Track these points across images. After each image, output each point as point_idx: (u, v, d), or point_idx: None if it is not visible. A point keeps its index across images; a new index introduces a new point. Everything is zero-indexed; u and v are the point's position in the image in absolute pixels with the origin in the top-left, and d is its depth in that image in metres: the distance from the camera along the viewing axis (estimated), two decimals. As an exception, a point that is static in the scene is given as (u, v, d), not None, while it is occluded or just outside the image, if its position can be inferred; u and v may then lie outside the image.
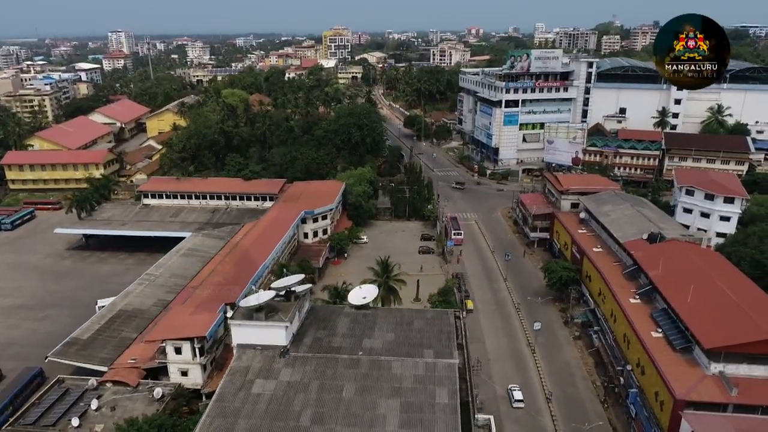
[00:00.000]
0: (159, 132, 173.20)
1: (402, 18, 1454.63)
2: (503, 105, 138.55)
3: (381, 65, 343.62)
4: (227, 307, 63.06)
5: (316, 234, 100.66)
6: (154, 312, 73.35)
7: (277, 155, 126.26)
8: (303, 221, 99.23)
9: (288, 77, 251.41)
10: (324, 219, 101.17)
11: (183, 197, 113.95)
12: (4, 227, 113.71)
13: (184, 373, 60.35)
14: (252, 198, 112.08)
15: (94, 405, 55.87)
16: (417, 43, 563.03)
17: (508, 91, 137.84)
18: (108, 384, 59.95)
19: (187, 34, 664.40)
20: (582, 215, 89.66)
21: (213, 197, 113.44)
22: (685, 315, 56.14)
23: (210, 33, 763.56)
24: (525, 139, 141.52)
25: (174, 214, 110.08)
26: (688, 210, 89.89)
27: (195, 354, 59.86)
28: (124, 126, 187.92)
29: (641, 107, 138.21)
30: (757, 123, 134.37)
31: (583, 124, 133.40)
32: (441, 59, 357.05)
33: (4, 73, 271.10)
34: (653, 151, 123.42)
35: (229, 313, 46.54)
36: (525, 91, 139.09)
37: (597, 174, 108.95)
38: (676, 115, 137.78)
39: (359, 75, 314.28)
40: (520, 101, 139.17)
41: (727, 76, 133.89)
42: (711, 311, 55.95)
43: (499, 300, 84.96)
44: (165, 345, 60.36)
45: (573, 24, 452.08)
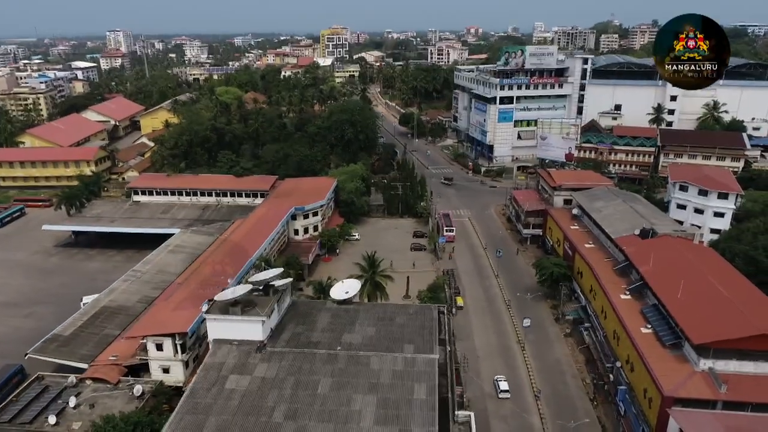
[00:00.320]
0: (153, 130, 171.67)
1: (402, 18, 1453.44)
2: (498, 102, 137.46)
3: (378, 64, 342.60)
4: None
5: (306, 231, 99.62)
6: (138, 309, 72.26)
7: (270, 152, 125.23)
8: (293, 218, 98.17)
9: (284, 75, 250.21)
10: (315, 216, 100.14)
11: (173, 194, 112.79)
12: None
13: (165, 370, 59.29)
14: (243, 195, 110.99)
15: (72, 402, 54.81)
16: (416, 43, 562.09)
17: (502, 88, 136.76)
18: (88, 381, 58.91)
19: (187, 34, 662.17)
20: (574, 211, 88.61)
21: (204, 194, 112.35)
22: (675, 310, 55.07)
23: (210, 33, 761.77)
24: (520, 136, 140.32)
25: (164, 210, 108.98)
26: (681, 206, 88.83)
27: (177, 351, 58.82)
28: (118, 124, 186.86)
29: (637, 104, 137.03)
30: (754, 120, 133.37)
31: (577, 119, 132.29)
32: (439, 58, 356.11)
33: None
34: (648, 148, 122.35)
35: (204, 307, 45.32)
36: (519, 88, 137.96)
37: (590, 170, 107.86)
38: (671, 112, 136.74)
39: (356, 73, 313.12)
40: (514, 98, 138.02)
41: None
42: (701, 307, 54.90)
43: (490, 297, 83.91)
44: (146, 341, 59.34)
45: (572, 23, 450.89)
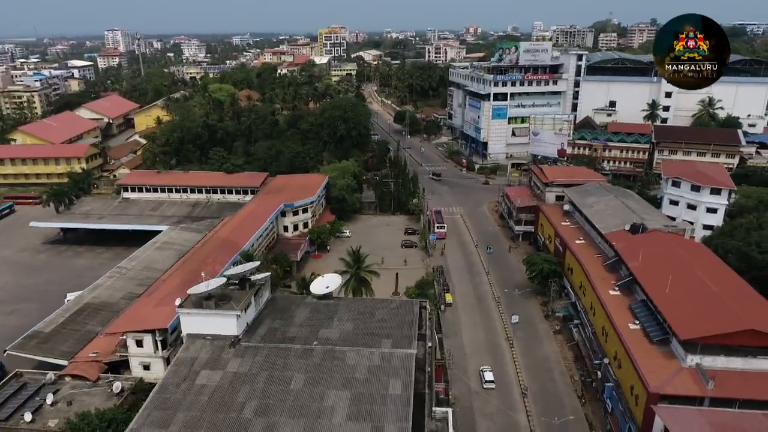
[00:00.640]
0: (146, 127, 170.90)
1: (402, 18, 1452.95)
2: (492, 98, 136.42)
3: (376, 63, 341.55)
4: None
5: (296, 227, 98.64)
6: (122, 305, 71.16)
7: (261, 149, 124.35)
8: (283, 214, 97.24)
9: (280, 73, 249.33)
10: (305, 212, 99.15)
11: (164, 191, 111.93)
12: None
13: (146, 367, 58.34)
14: (233, 191, 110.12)
15: (49, 400, 53.82)
16: (415, 42, 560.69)
17: (496, 84, 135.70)
18: (67, 378, 57.95)
19: (187, 34, 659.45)
20: (566, 207, 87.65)
21: (194, 191, 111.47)
22: (663, 306, 54.13)
23: (210, 33, 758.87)
24: (514, 133, 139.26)
25: (153, 207, 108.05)
26: (674, 202, 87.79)
27: (157, 347, 57.90)
28: (111, 121, 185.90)
29: (631, 100, 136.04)
30: (749, 116, 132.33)
31: (569, 115, 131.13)
32: (436, 57, 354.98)
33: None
34: (642, 144, 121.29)
35: (178, 302, 44.36)
36: (514, 84, 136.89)
37: (583, 166, 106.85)
38: (666, 108, 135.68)
39: (353, 72, 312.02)
40: (508, 94, 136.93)
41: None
42: (689, 302, 53.98)
43: (480, 294, 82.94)
44: (125, 338, 58.40)
45: (571, 23, 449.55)
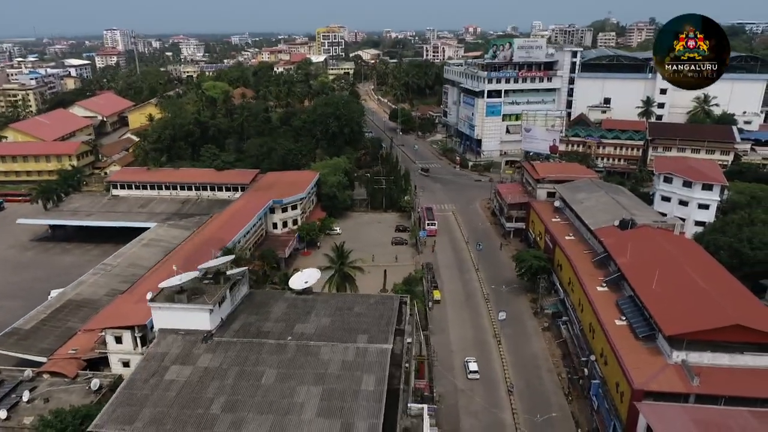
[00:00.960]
0: (140, 125, 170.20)
1: (402, 18, 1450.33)
2: (485, 95, 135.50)
3: (373, 62, 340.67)
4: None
5: (285, 224, 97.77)
6: (105, 302, 70.32)
7: (253, 146, 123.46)
8: (272, 211, 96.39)
9: (276, 71, 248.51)
10: (294, 209, 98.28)
11: (153, 188, 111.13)
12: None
13: (125, 364, 57.23)
14: (223, 188, 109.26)
15: (26, 397, 52.96)
16: (414, 42, 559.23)
17: (490, 81, 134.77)
18: (45, 375, 57.11)
19: (187, 33, 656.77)
20: (556, 203, 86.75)
21: (184, 188, 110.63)
22: (649, 302, 53.21)
23: (209, 33, 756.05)
24: (508, 131, 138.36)
25: (142, 204, 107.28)
26: (666, 198, 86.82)
27: (136, 343, 56.99)
28: (105, 119, 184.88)
29: (626, 97, 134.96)
30: (745, 113, 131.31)
31: (562, 111, 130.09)
32: (434, 55, 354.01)
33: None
34: (637, 141, 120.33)
35: (149, 296, 43.49)
36: (508, 81, 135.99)
37: (575, 163, 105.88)
38: (662, 105, 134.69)
39: (351, 71, 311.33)
40: (502, 91, 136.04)
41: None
42: (676, 298, 53.03)
43: (469, 291, 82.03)
44: (104, 334, 57.53)
45: (570, 22, 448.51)
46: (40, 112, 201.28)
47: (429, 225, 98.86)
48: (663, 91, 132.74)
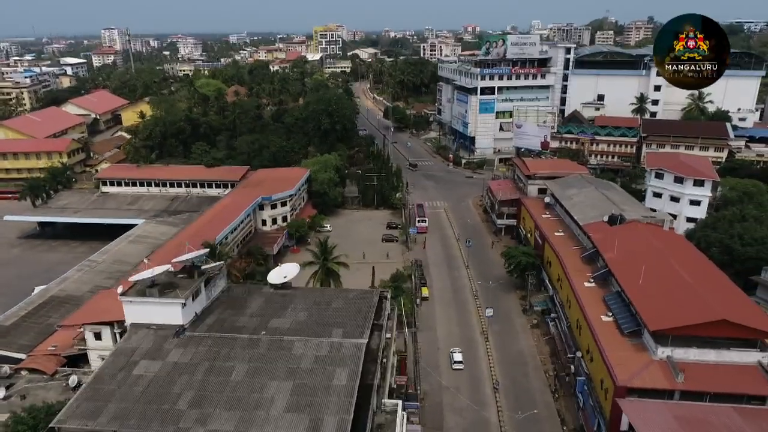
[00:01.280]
0: (133, 123, 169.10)
1: (401, 18, 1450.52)
2: (479, 92, 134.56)
3: (371, 60, 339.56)
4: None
5: (275, 221, 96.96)
6: (88, 298, 69.39)
7: (244, 143, 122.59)
8: (261, 208, 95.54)
9: (272, 70, 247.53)
10: (283, 206, 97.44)
11: (143, 185, 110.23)
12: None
13: (105, 361, 56.51)
14: (213, 185, 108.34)
15: (1, 394, 52.09)
16: (413, 41, 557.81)
17: (483, 78, 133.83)
18: (24, 372, 56.27)
19: (186, 33, 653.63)
20: (547, 200, 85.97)
21: (173, 185, 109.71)
22: (635, 297, 52.36)
23: (209, 32, 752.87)
24: (502, 128, 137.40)
25: (131, 201, 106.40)
26: (657, 194, 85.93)
27: (116, 339, 55.95)
28: (98, 117, 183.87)
29: (620, 94, 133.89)
30: (740, 110, 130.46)
31: (553, 106, 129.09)
32: (431, 54, 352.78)
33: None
34: (630, 138, 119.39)
35: (120, 289, 42.67)
36: (501, 78, 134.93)
37: (567, 159, 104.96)
38: (656, 102, 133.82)
39: (347, 69, 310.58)
40: (496, 88, 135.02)
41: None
42: (662, 293, 52.13)
43: (458, 288, 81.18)
44: (83, 330, 56.61)
45: (568, 21, 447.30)
46: (34, 110, 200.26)
47: (419, 222, 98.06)
48: (657, 88, 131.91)
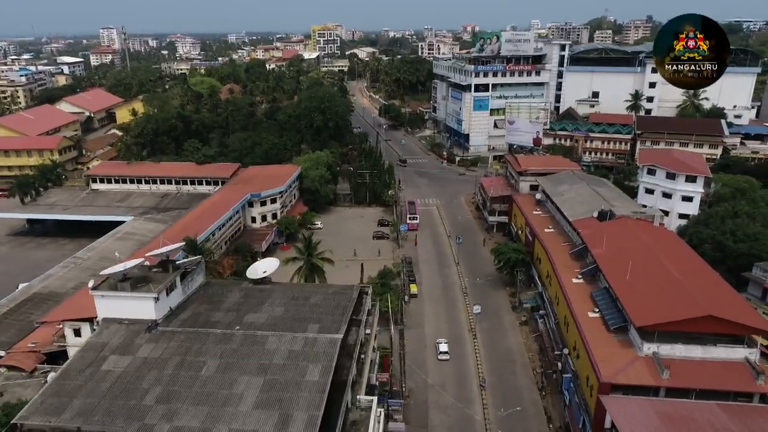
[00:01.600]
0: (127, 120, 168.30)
1: (401, 17, 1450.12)
2: (473, 89, 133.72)
3: (368, 59, 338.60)
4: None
5: (264, 218, 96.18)
6: (71, 295, 68.71)
7: (236, 140, 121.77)
8: (250, 205, 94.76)
9: (268, 68, 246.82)
10: (273, 203, 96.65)
11: (133, 182, 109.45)
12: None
13: (85, 358, 55.67)
14: (204, 182, 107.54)
15: (-22, 391, 51.39)
16: (411, 41, 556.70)
17: (477, 75, 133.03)
18: (2, 369, 55.51)
19: (185, 33, 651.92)
20: (538, 196, 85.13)
21: (164, 182, 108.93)
22: (622, 293, 51.51)
23: (208, 32, 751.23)
24: (496, 125, 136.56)
25: (121, 199, 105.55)
26: (650, 191, 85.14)
27: (96, 336, 55.24)
28: (92, 115, 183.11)
29: (615, 91, 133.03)
30: (735, 107, 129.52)
31: (546, 102, 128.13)
32: (429, 53, 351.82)
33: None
34: (624, 135, 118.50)
35: (91, 283, 41.88)
36: (495, 75, 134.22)
37: (559, 155, 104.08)
38: (651, 99, 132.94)
39: (345, 68, 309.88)
40: (490, 85, 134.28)
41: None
42: (650, 289, 51.32)
43: (448, 285, 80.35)
44: (63, 327, 55.83)
45: (567, 20, 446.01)
46: (29, 108, 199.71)
47: (410, 219, 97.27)
48: (652, 85, 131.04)
